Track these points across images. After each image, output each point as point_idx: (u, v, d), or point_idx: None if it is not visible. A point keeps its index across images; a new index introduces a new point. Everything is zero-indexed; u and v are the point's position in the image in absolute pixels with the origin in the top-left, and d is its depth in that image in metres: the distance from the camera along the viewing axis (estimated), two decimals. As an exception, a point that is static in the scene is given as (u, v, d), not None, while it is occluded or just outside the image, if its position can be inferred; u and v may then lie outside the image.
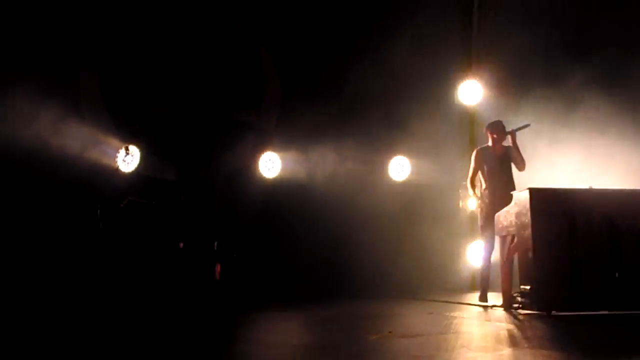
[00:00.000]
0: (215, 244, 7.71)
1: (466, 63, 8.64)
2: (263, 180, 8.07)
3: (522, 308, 5.27)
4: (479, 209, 6.41)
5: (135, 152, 7.56)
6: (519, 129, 6.11)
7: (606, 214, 5.28)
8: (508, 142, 6.21)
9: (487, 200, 6.17)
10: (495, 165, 6.21)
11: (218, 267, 7.60)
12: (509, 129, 6.18)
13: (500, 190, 6.01)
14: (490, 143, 6.32)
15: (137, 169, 7.54)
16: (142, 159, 7.54)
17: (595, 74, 6.92)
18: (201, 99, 8.07)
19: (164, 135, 7.95)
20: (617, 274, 5.21)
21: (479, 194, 6.33)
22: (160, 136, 7.92)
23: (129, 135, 7.56)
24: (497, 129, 6.27)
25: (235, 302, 6.85)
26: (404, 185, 8.61)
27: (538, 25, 7.48)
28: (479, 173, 6.34)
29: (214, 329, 4.80)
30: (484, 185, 6.28)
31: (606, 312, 5.07)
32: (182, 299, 6.76)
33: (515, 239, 5.57)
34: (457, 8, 8.70)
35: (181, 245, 7.58)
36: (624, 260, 5.22)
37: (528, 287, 5.20)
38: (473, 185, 6.39)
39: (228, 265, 7.67)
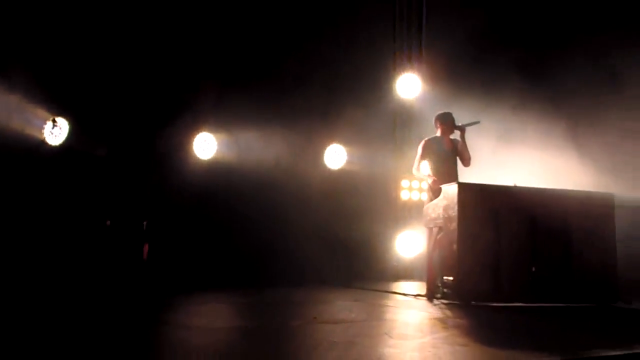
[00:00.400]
0: (145, 223, 7.54)
1: (405, 56, 8.79)
2: (198, 161, 7.93)
3: (444, 298, 5.44)
4: (427, 199, 6.21)
5: (63, 124, 7.27)
6: (469, 124, 6.08)
7: (527, 211, 5.52)
8: (455, 135, 6.20)
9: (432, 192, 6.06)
10: (443, 157, 6.14)
11: (146, 248, 7.45)
12: (458, 123, 6.16)
13: (447, 182, 5.93)
14: (439, 134, 6.27)
15: (65, 143, 7.25)
16: (71, 132, 7.26)
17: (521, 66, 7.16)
18: (136, 75, 7.81)
19: (96, 108, 7.65)
20: (533, 269, 5.47)
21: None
22: (91, 109, 7.62)
23: (58, 107, 7.25)
24: (447, 120, 6.20)
25: (162, 285, 6.73)
26: (339, 173, 8.68)
27: (474, 21, 7.67)
28: (426, 163, 6.23)
29: (136, 311, 4.70)
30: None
31: (522, 305, 5.31)
32: (107, 279, 6.58)
33: (442, 231, 5.73)
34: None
35: (108, 223, 7.37)
36: (540, 256, 5.48)
37: (451, 279, 5.37)
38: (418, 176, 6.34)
39: (157, 246, 7.52)
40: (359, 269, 8.17)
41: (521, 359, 2.90)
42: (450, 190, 5.52)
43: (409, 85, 8.69)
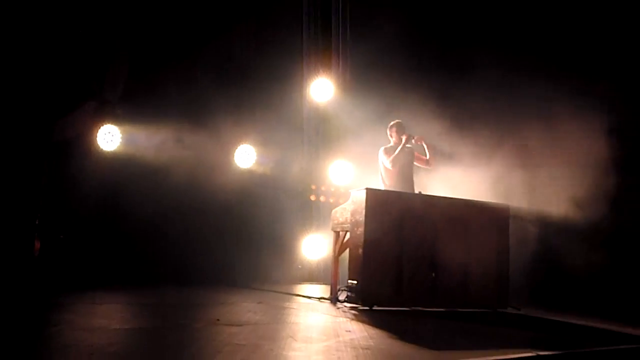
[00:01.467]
0: (37, 218, 7.08)
1: (319, 61, 8.87)
2: (101, 153, 7.53)
3: (348, 302, 5.50)
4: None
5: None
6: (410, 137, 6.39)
7: (430, 219, 5.72)
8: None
9: None
10: (405, 163, 6.42)
11: (37, 244, 6.98)
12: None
13: (408, 189, 6.23)
14: (392, 143, 6.49)
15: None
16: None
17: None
18: (35, 58, 7.31)
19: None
20: (433, 274, 5.66)
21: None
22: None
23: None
24: (400, 128, 6.47)
25: (54, 283, 6.32)
26: (249, 173, 8.59)
27: (390, 25, 7.86)
28: (382, 171, 6.46)
29: (25, 311, 4.38)
30: (384, 185, 6.39)
31: (422, 309, 5.49)
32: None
33: (348, 235, 5.81)
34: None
35: (-4, 216, 6.85)
36: (440, 262, 5.68)
37: (355, 282, 5.45)
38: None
39: (50, 242, 7.08)
40: (263, 270, 8.10)
41: (421, 362, 2.98)
42: (358, 196, 5.61)
43: (322, 89, 8.76)
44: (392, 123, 6.59)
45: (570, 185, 6.56)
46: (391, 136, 6.55)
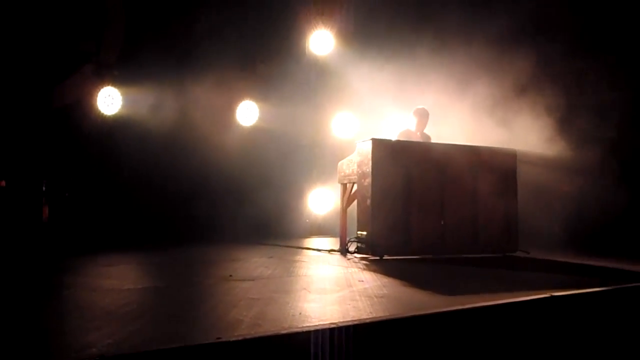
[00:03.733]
0: (44, 183, 7.06)
1: (319, 12, 8.67)
2: (101, 116, 7.46)
3: (358, 253, 5.53)
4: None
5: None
6: None
7: (437, 167, 5.69)
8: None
9: None
10: None
11: (46, 209, 7.00)
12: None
13: None
14: (414, 128, 6.45)
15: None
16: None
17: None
18: (31, 22, 7.15)
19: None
20: (442, 222, 5.67)
21: None
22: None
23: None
24: (423, 115, 6.43)
25: (65, 247, 6.36)
26: (252, 130, 8.52)
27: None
28: None
29: (37, 275, 4.40)
30: None
31: (431, 256, 5.52)
32: (3, 243, 6.13)
33: (355, 187, 5.79)
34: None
35: (3, 183, 6.84)
36: (448, 210, 5.68)
37: (364, 233, 5.46)
38: None
39: (58, 206, 7.08)
40: (271, 225, 8.14)
41: (436, 305, 2.98)
42: (364, 147, 5.56)
43: (322, 42, 8.60)
44: (417, 108, 6.50)
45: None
46: (414, 120, 6.49)
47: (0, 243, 6.09)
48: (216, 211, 7.74)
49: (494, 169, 5.97)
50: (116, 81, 7.54)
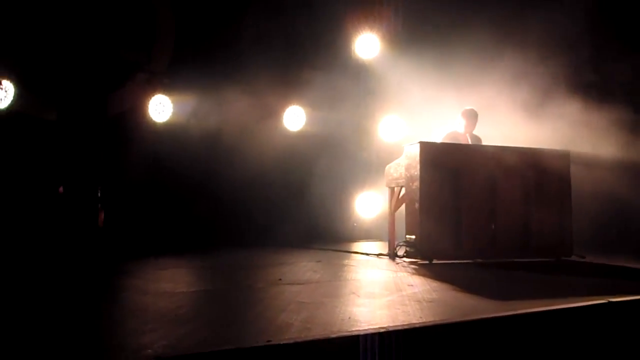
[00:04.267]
0: (99, 189, 7.30)
1: (364, 16, 8.66)
2: (153, 124, 7.68)
3: (407, 257, 5.48)
4: None
5: (9, 87, 6.90)
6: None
7: (487, 170, 5.59)
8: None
9: None
10: None
11: (102, 214, 7.23)
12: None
13: None
14: (462, 130, 6.38)
15: (11, 106, 6.90)
16: (18, 95, 6.90)
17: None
18: (87, 34, 7.43)
19: (44, 70, 7.27)
20: (493, 226, 5.56)
21: None
22: (39, 71, 7.24)
23: (2, 69, 6.87)
24: (472, 116, 6.34)
25: (119, 251, 6.55)
26: (299, 135, 8.58)
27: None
28: None
29: (94, 279, 4.56)
30: None
31: (481, 260, 5.42)
32: (62, 247, 6.36)
33: (403, 191, 5.75)
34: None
35: (61, 190, 7.10)
36: (499, 213, 5.57)
37: (413, 237, 5.41)
38: None
39: (112, 212, 7.31)
40: (319, 230, 8.17)
41: (487, 310, 2.93)
42: (412, 150, 5.52)
43: (369, 45, 8.60)
44: (465, 109, 6.40)
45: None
46: (461, 121, 6.39)
47: (58, 247, 6.32)
48: (265, 216, 7.83)
49: (547, 170, 5.82)
50: (166, 89, 7.74)
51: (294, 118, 8.58)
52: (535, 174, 5.75)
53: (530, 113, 6.50)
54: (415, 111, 7.68)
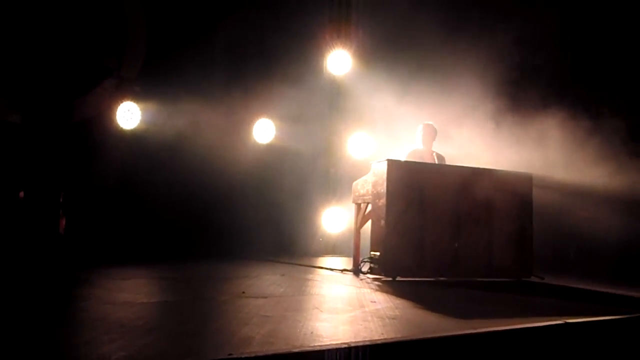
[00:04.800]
0: (62, 195, 7.15)
1: (336, 33, 8.76)
2: (120, 131, 7.58)
3: (371, 273, 5.52)
4: None
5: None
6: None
7: (452, 189, 5.68)
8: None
9: None
10: None
11: (63, 221, 7.08)
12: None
13: None
14: (421, 145, 6.48)
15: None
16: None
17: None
18: (55, 36, 7.31)
19: (8, 71, 7.12)
20: (456, 245, 5.65)
21: None
22: (3, 72, 7.08)
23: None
24: (431, 131, 6.46)
25: (80, 259, 6.42)
26: (268, 148, 8.58)
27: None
28: None
29: (53, 286, 4.46)
30: None
31: (444, 279, 5.49)
32: (20, 254, 6.20)
33: (370, 207, 5.79)
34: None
35: (21, 194, 6.93)
36: (462, 232, 5.66)
37: (377, 254, 5.45)
38: None
39: (75, 219, 7.16)
40: (285, 244, 8.16)
41: (448, 329, 2.97)
42: (379, 167, 5.58)
43: (340, 62, 8.69)
44: (424, 124, 6.52)
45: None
46: (421, 136, 6.51)
47: (17, 254, 6.16)
48: (230, 228, 7.78)
49: (510, 192, 5.95)
50: (135, 96, 7.65)
51: (264, 130, 8.58)
52: (498, 195, 5.86)
53: (494, 133, 6.64)
54: (384, 129, 7.77)
